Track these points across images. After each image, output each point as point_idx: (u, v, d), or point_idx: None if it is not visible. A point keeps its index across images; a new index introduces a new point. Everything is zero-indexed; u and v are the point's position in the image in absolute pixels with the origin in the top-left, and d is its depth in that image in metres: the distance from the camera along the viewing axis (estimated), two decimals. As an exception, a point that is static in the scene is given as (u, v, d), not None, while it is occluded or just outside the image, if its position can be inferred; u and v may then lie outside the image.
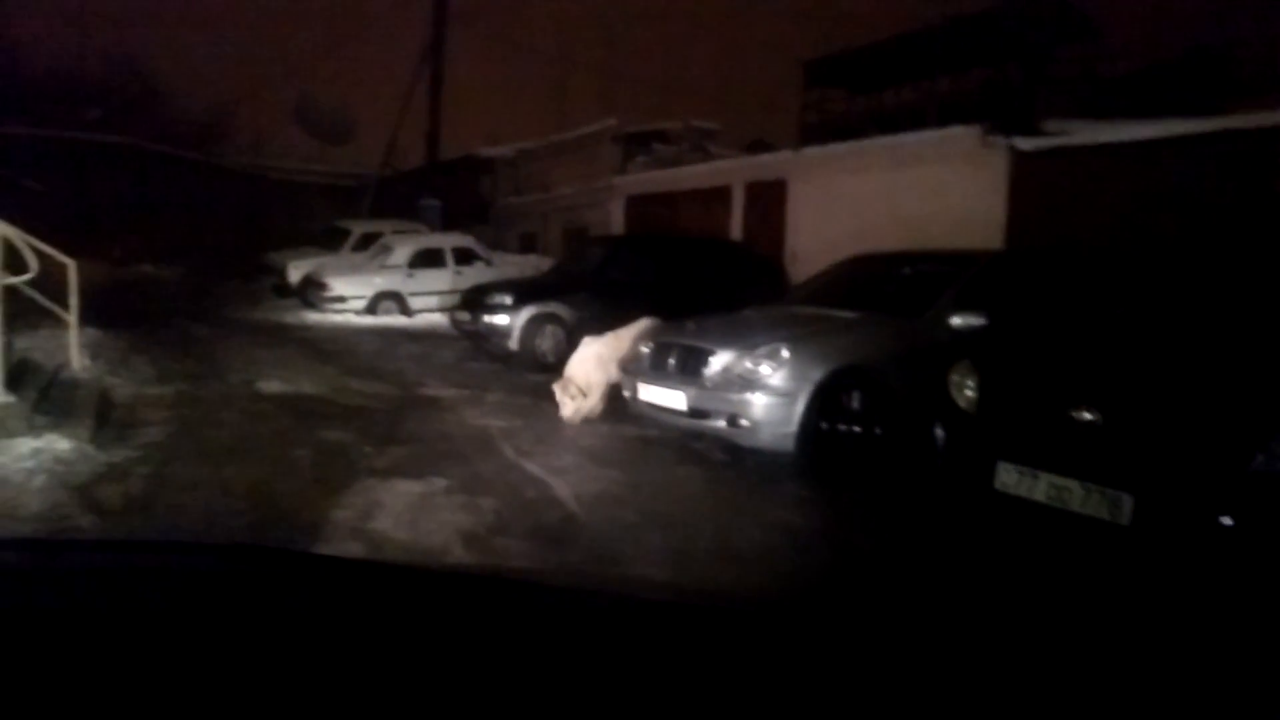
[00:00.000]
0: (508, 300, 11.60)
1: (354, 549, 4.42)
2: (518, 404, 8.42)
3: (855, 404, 6.31)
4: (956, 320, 6.58)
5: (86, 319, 8.50)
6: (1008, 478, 4.39)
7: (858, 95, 23.23)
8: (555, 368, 7.94)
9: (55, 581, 1.25)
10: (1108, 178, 10.15)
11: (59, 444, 5.64)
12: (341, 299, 16.58)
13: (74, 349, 8.06)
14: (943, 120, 14.12)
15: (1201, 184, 9.40)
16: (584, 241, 18.00)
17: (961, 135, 11.97)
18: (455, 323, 13.16)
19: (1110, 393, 4.31)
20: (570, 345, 8.14)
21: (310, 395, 8.54)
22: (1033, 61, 15.62)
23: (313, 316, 16.35)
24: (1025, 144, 11.15)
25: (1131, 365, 4.69)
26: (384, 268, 17.12)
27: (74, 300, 8.14)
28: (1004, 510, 4.49)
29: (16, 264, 6.21)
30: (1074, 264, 7.85)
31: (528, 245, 22.83)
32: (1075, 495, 4.10)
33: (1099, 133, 10.69)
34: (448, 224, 22.31)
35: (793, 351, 6.27)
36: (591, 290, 11.59)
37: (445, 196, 24.19)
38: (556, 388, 7.71)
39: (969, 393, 4.89)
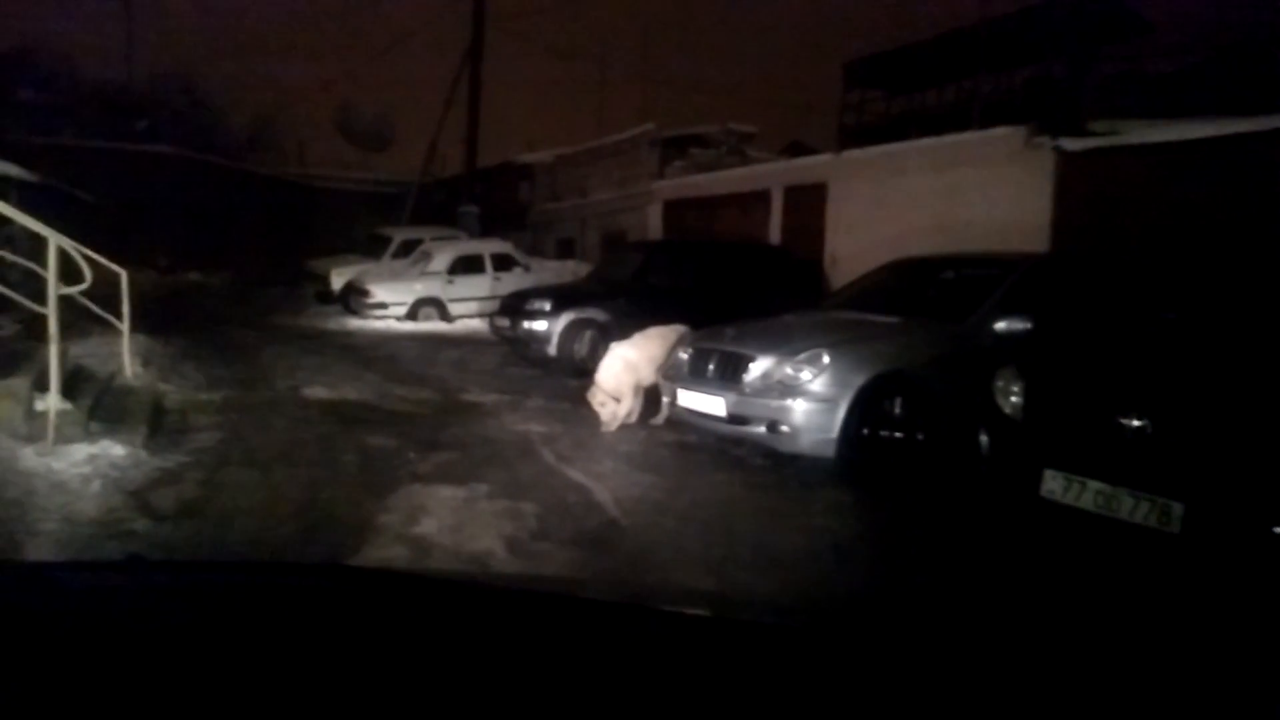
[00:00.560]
0: (546, 306, 11.66)
1: (400, 553, 4.47)
2: (557, 409, 8.46)
3: (897, 410, 6.26)
4: (1001, 325, 6.52)
5: (137, 326, 8.66)
6: (1054, 485, 4.34)
7: (898, 96, 23.02)
8: (594, 373, 7.96)
9: (177, 600, 1.29)
10: (1157, 178, 9.98)
11: (114, 449, 5.75)
12: (383, 305, 16.75)
13: (126, 356, 8.20)
14: (986, 121, 13.91)
15: (1253, 184, 9.23)
16: (622, 247, 18.03)
17: (1006, 136, 11.83)
18: (494, 328, 13.24)
19: (1159, 399, 4.26)
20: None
21: (354, 401, 8.64)
22: (1079, 59, 15.38)
23: (355, 322, 16.54)
24: (1071, 144, 10.99)
25: (1181, 370, 4.63)
26: (424, 274, 17.28)
27: (126, 309, 8.29)
28: (1050, 518, 4.44)
29: (70, 274, 6.34)
30: (1121, 267, 7.74)
31: (565, 250, 22.92)
32: (1124, 503, 4.05)
33: (1148, 132, 10.50)
34: (486, 230, 22.45)
35: (833, 357, 6.24)
36: (630, 295, 11.61)
37: (484, 203, 24.34)
38: (589, 396, 7.73)
39: (1014, 399, 4.84)
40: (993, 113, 14.59)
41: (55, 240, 6.12)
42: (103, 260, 7.47)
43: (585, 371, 10.27)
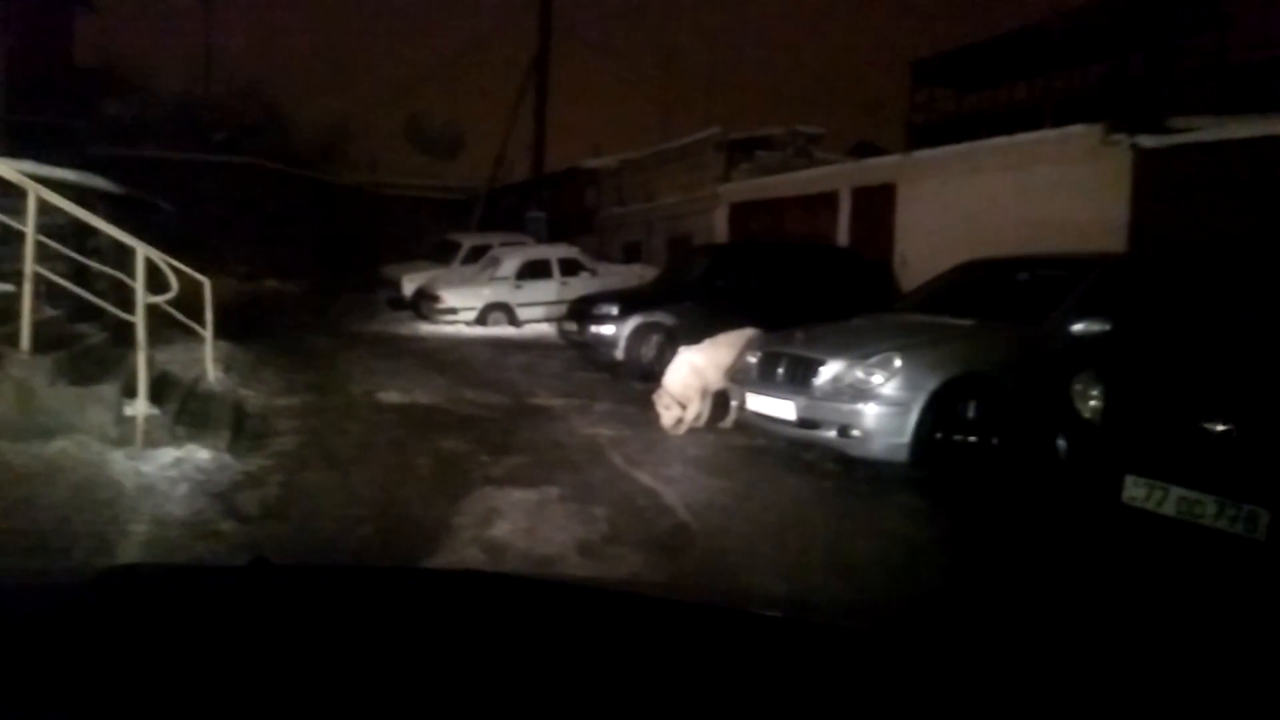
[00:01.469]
0: (613, 310, 11.72)
1: (474, 555, 4.55)
2: (625, 413, 8.50)
3: (971, 413, 6.19)
4: (1078, 327, 6.40)
5: (218, 333, 8.90)
6: (1136, 491, 4.26)
7: (968, 94, 22.71)
8: (661, 377, 7.99)
9: (301, 602, 1.36)
10: (1239, 176, 9.69)
11: (199, 453, 5.91)
12: (453, 311, 16.98)
13: (209, 362, 8.44)
14: (1060, 118, 13.66)
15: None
16: (688, 250, 18.03)
17: (1081, 134, 11.58)
18: (562, 333, 13.35)
19: (1244, 402, 4.15)
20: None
21: (427, 405, 8.79)
22: (1157, 53, 15.01)
23: (426, 328, 16.79)
24: (1150, 141, 10.71)
25: (1266, 373, 4.50)
26: (493, 280, 17.48)
27: (209, 316, 8.53)
28: (1131, 525, 4.36)
29: (155, 282, 6.54)
30: (1203, 267, 7.54)
31: (632, 255, 22.99)
32: (1208, 510, 3.96)
33: (1229, 128, 10.18)
34: (553, 235, 22.63)
35: (905, 360, 6.19)
36: (697, 299, 11.62)
37: (551, 208, 24.56)
38: (655, 400, 7.76)
39: (1093, 402, 4.76)
40: (1068, 109, 14.31)
41: (142, 251, 6.32)
42: (186, 269, 7.70)
43: (652, 375, 10.28)
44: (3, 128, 16.63)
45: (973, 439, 6.17)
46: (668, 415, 7.63)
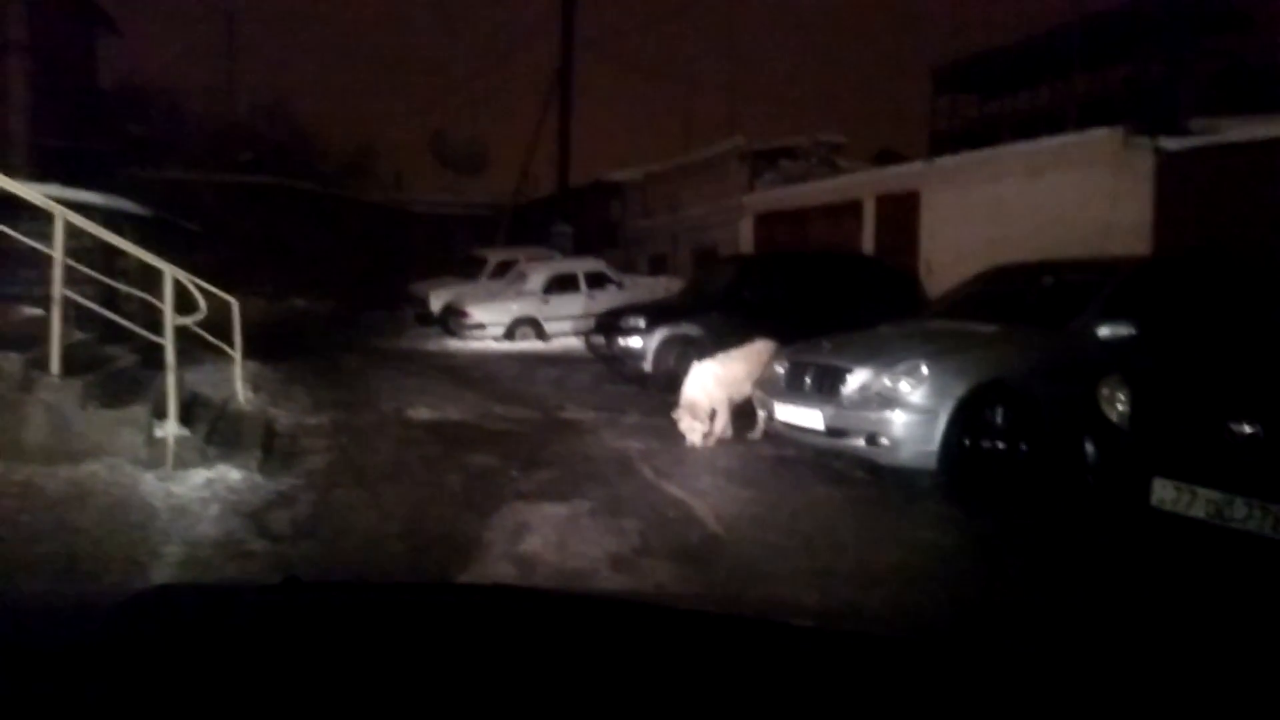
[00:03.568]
0: (641, 323, 11.74)
1: (506, 571, 4.58)
2: (654, 425, 8.51)
3: (999, 420, 6.17)
4: (1104, 331, 6.38)
5: (247, 353, 8.98)
6: (1165, 494, 4.24)
7: (990, 100, 22.67)
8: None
9: (333, 620, 1.38)
10: (1261, 176, 9.62)
11: (230, 474, 5.97)
12: (481, 326, 17.08)
13: (238, 382, 8.53)
14: (1082, 122, 13.60)
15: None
16: (714, 261, 18.07)
17: (1103, 137, 11.53)
18: (590, 346, 13.38)
19: (1271, 403, 4.13)
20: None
21: (456, 421, 8.85)
22: (1177, 56, 14.92)
23: (454, 343, 16.90)
24: (1171, 144, 10.66)
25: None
26: (520, 294, 17.58)
27: (238, 337, 8.63)
28: (1161, 528, 4.34)
29: (184, 303, 6.60)
30: (1228, 269, 7.49)
31: (658, 267, 23.05)
32: (1237, 511, 3.94)
33: (1250, 129, 10.12)
34: (579, 249, 22.73)
35: (932, 368, 6.18)
36: (723, 310, 11.62)
37: (576, 222, 24.65)
38: (676, 417, 7.75)
39: (1120, 406, 4.74)
40: (1089, 113, 14.25)
41: (170, 272, 6.39)
42: (214, 290, 7.77)
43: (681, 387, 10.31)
44: (29, 152, 16.90)
45: (1001, 445, 6.15)
46: (697, 429, 7.61)
